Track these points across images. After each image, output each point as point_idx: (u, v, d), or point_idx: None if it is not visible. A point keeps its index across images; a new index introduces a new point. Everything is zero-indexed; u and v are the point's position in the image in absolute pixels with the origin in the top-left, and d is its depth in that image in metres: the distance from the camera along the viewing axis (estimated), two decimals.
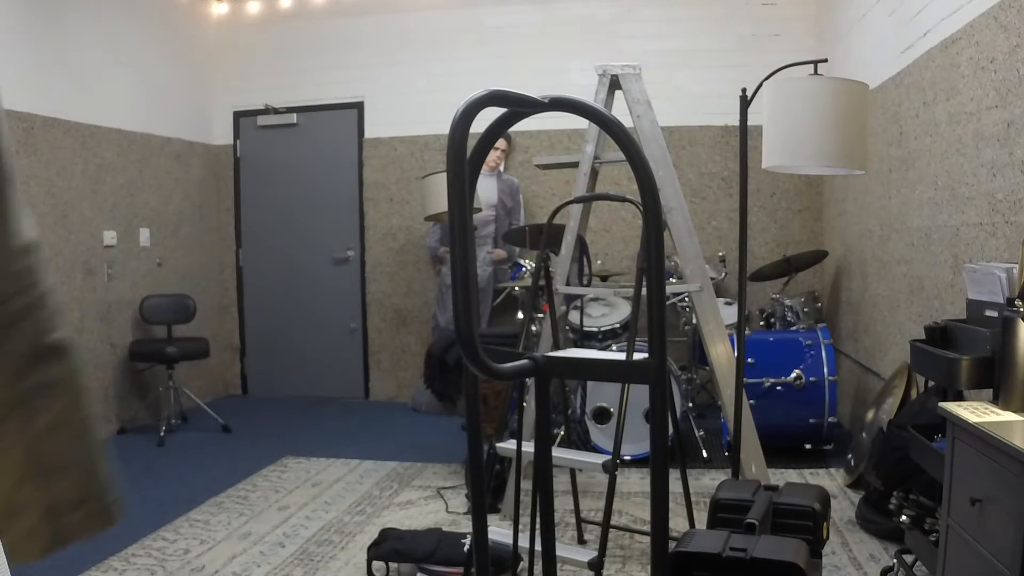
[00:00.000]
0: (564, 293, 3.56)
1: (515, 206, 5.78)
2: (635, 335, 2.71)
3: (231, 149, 6.54)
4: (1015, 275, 2.21)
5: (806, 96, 2.64)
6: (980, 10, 2.97)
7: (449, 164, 1.13)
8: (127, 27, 5.53)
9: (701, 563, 2.05)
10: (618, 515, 3.61)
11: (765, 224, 5.86)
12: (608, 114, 1.38)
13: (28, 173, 4.65)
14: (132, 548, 3.32)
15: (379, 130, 6.27)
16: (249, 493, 4.09)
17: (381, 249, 6.33)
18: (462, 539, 3.03)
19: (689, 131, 5.86)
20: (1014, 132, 2.72)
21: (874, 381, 4.41)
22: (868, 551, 3.16)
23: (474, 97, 1.16)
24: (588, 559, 2.59)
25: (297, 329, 6.50)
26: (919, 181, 3.67)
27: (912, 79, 3.76)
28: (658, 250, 1.34)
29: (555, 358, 1.40)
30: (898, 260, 3.99)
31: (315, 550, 3.32)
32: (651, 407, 1.37)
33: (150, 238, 5.73)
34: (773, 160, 2.76)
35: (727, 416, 3.40)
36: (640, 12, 5.91)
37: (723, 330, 3.47)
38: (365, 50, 6.25)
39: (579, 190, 3.59)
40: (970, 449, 1.87)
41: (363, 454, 4.76)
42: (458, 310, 1.13)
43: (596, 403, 4.39)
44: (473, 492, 1.53)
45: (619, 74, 3.48)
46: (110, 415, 5.27)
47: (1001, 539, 1.70)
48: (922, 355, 2.46)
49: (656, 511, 1.37)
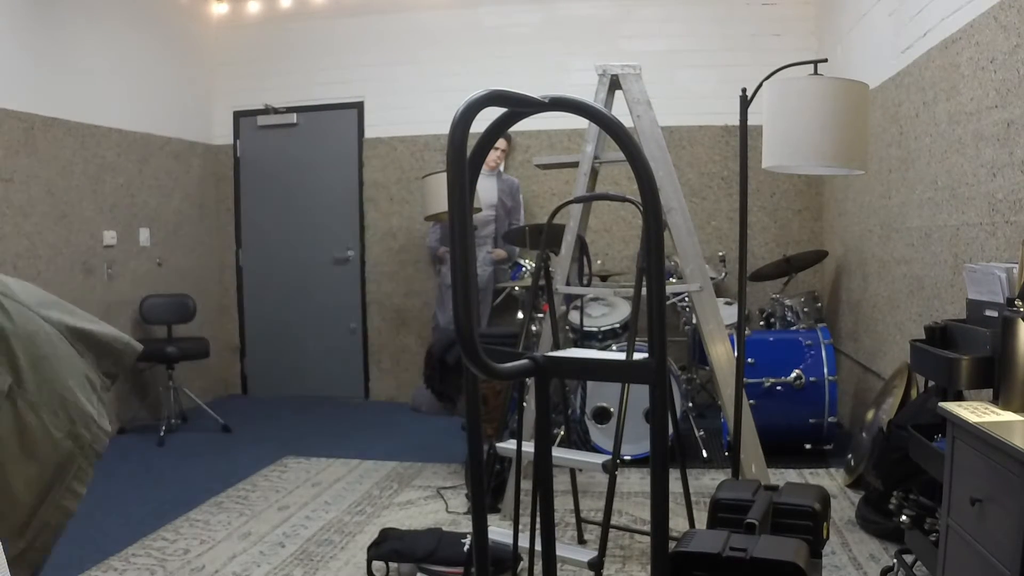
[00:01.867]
0: (564, 293, 3.56)
1: (515, 206, 5.78)
2: (635, 335, 2.71)
3: (231, 149, 6.54)
4: (1015, 275, 2.21)
5: (806, 96, 2.64)
6: (980, 10, 2.97)
7: (449, 164, 1.13)
8: (127, 27, 5.53)
9: (701, 563, 2.05)
10: (618, 515, 3.61)
11: (765, 224, 5.86)
12: (608, 114, 1.38)
13: (28, 173, 4.65)
14: (132, 548, 3.32)
15: (379, 130, 6.27)
16: (249, 493, 4.09)
17: (381, 249, 6.33)
18: (462, 539, 3.03)
19: (689, 131, 5.86)
20: (1014, 132, 2.72)
21: (874, 381, 4.41)
22: (868, 551, 3.16)
23: (474, 97, 1.16)
24: (588, 559, 2.60)
25: (297, 329, 6.50)
26: (919, 181, 3.67)
27: (912, 79, 3.76)
28: (658, 250, 1.34)
29: (555, 358, 1.40)
30: (898, 260, 3.99)
31: (315, 550, 3.32)
32: (651, 407, 1.37)
33: (150, 238, 5.73)
34: (773, 160, 2.76)
35: (727, 416, 3.40)
36: (640, 12, 5.91)
37: (723, 330, 3.47)
38: (365, 50, 6.25)
39: (579, 190, 3.59)
40: (970, 449, 1.87)
41: (363, 454, 4.76)
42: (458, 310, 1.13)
43: (596, 403, 4.39)
44: (473, 492, 1.53)
45: (619, 74, 3.48)
46: (110, 415, 5.25)
47: (1001, 539, 1.70)
48: (922, 355, 2.46)
49: (656, 511, 1.37)
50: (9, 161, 4.51)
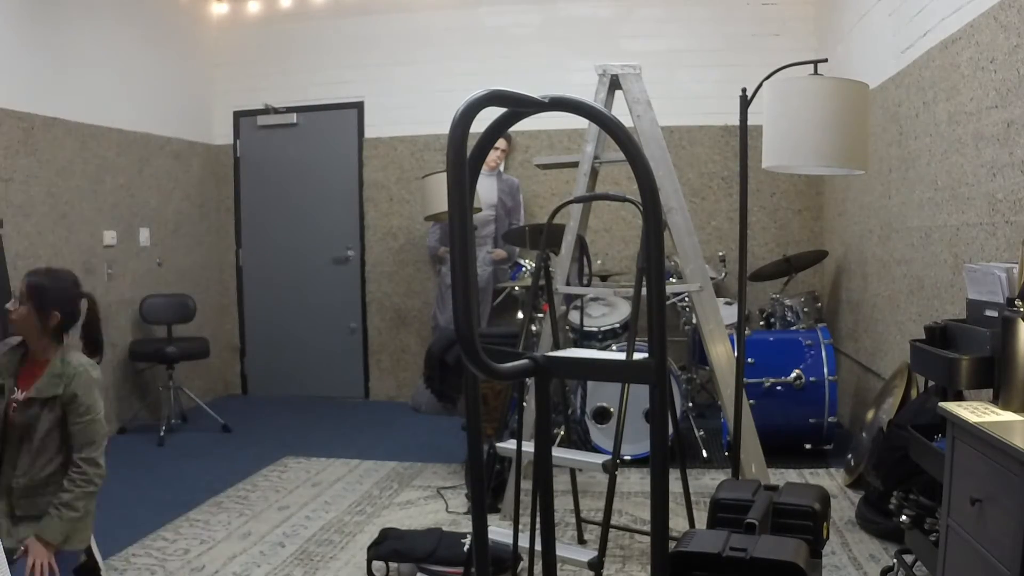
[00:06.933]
0: (564, 293, 3.56)
1: (515, 206, 5.78)
2: (635, 335, 2.71)
3: (231, 149, 6.54)
4: (1015, 275, 2.21)
5: (806, 96, 2.64)
6: (980, 10, 2.97)
7: (449, 164, 1.13)
8: (127, 27, 5.53)
9: (701, 563, 2.05)
10: (618, 515, 3.61)
11: (765, 224, 5.86)
12: (608, 114, 1.38)
13: (28, 173, 4.65)
14: (132, 548, 3.33)
15: (379, 130, 6.27)
16: (249, 493, 4.09)
17: (381, 249, 6.33)
18: (462, 539, 3.03)
19: (689, 131, 5.86)
20: (1014, 132, 2.72)
21: (874, 381, 4.41)
22: (868, 551, 3.16)
23: (474, 97, 1.16)
24: (588, 559, 2.59)
25: (297, 329, 6.50)
26: (919, 181, 3.67)
27: (912, 79, 3.76)
28: (658, 250, 1.34)
29: (555, 358, 1.40)
30: (898, 260, 3.99)
31: (315, 550, 3.32)
32: (651, 407, 1.37)
33: (150, 238, 5.72)
34: (773, 160, 2.76)
35: (727, 416, 3.40)
36: (640, 12, 5.91)
37: (723, 330, 3.47)
38: (365, 50, 6.25)
39: (579, 190, 3.59)
40: (970, 449, 1.87)
41: (363, 454, 4.76)
42: (458, 310, 1.13)
43: (596, 403, 4.39)
44: (473, 492, 1.53)
45: (619, 74, 3.48)
46: (110, 415, 5.26)
47: (1001, 539, 1.70)
48: (922, 355, 2.46)
49: (656, 511, 1.37)
50: (9, 161, 4.51)
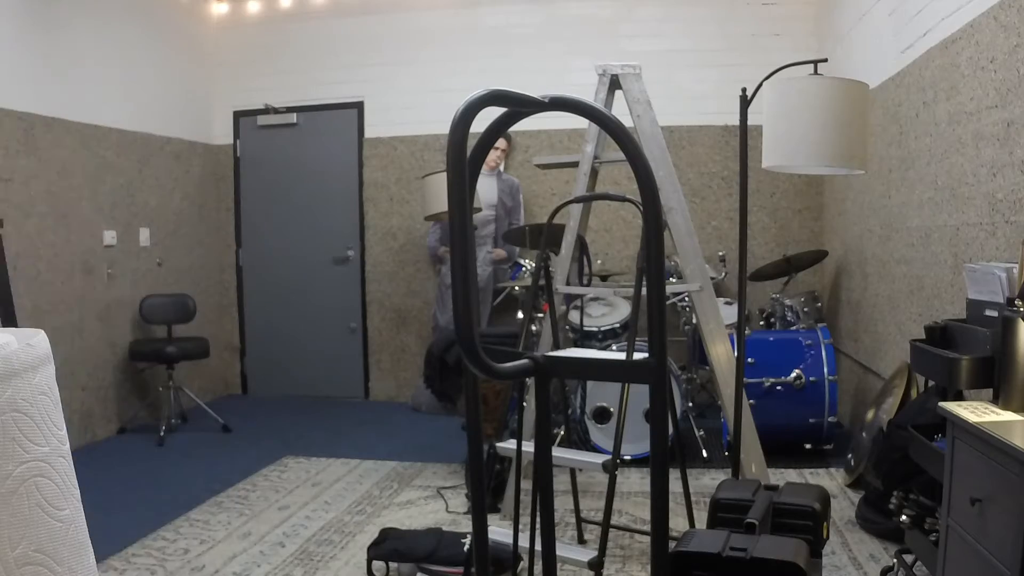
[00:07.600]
0: (564, 293, 3.56)
1: (515, 206, 5.79)
2: (635, 335, 2.71)
3: (231, 149, 6.54)
4: (1015, 275, 2.21)
5: (806, 96, 2.64)
6: (980, 10, 2.97)
7: (449, 164, 1.13)
8: (127, 27, 5.53)
9: (701, 563, 2.05)
10: (618, 515, 3.61)
11: (765, 224, 5.86)
12: (608, 114, 1.38)
13: (28, 173, 4.65)
14: (132, 548, 3.33)
15: (379, 130, 6.27)
16: (249, 493, 4.09)
17: (381, 249, 6.33)
18: (462, 539, 3.03)
19: (689, 131, 5.86)
20: (1014, 132, 2.72)
21: (874, 381, 4.41)
22: (868, 551, 3.16)
23: (474, 97, 1.17)
24: (588, 559, 2.60)
25: (297, 329, 6.50)
26: (919, 181, 3.67)
27: (912, 79, 3.76)
28: (658, 250, 1.34)
29: (555, 358, 1.40)
30: (898, 260, 3.99)
31: (315, 550, 3.32)
32: (651, 407, 1.37)
33: (150, 238, 5.72)
34: (773, 160, 2.76)
35: (727, 416, 3.40)
36: (640, 12, 5.91)
37: (723, 330, 3.47)
38: (365, 50, 6.25)
39: (579, 190, 3.59)
40: (970, 449, 1.87)
41: (363, 454, 4.76)
42: (458, 310, 1.13)
43: (596, 403, 4.39)
44: (473, 492, 1.53)
45: (619, 74, 3.48)
46: (110, 415, 5.27)
47: (1001, 539, 1.70)
48: (922, 355, 2.46)
49: (656, 511, 1.37)
50: (9, 161, 4.51)
